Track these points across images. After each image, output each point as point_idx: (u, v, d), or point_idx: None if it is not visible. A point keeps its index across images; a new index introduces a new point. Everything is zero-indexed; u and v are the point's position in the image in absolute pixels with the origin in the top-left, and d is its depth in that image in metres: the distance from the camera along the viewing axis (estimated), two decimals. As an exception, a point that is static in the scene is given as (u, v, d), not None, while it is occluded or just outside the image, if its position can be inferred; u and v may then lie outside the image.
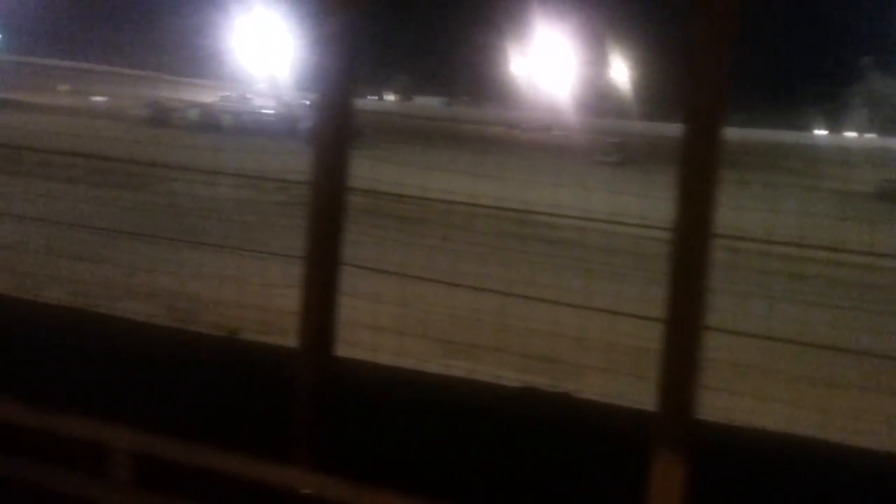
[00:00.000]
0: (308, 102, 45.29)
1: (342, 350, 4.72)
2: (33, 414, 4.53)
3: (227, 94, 57.83)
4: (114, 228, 11.88)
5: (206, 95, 54.42)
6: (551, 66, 62.13)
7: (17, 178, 17.69)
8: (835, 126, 66.13)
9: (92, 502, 4.42)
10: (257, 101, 53.90)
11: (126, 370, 6.05)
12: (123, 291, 10.43)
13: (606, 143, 39.26)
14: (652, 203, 7.91)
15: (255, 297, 8.77)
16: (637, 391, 5.78)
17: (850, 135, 65.29)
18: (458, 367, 6.71)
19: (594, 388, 6.51)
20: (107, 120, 35.01)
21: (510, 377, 6.48)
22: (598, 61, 66.40)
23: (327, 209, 4.33)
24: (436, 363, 6.86)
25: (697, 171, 3.70)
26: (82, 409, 4.63)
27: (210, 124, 41.34)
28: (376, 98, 70.02)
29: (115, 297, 10.00)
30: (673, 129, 3.93)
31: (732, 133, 3.92)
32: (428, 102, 73.81)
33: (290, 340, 5.29)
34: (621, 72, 68.93)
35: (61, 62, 66.77)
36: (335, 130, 4.24)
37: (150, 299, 10.21)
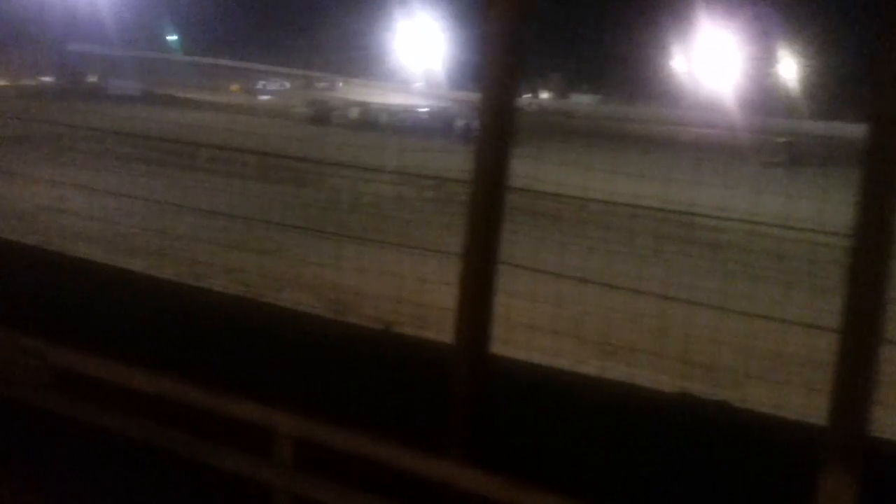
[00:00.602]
0: (463, 101, 45.80)
1: (497, 347, 4.71)
2: (204, 395, 4.78)
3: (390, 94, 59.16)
4: (277, 221, 12.39)
5: (367, 95, 55.96)
6: (714, 63, 59.84)
7: (189, 173, 18.83)
8: None
9: (256, 481, 4.62)
10: (413, 101, 55.01)
11: (286, 357, 6.27)
12: (285, 282, 10.84)
13: (774, 142, 37.47)
14: (823, 207, 7.48)
15: (408, 291, 8.91)
16: (803, 404, 5.47)
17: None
18: (614, 370, 6.57)
19: (756, 398, 6.21)
20: (272, 118, 36.63)
21: (667, 382, 6.28)
22: (764, 57, 63.37)
23: (486, 207, 4.33)
24: (591, 365, 6.74)
25: (883, 175, 3.46)
26: (246, 392, 4.86)
27: (368, 122, 42.53)
28: (530, 96, 69.79)
29: (277, 287, 10.41)
30: (847, 130, 3.69)
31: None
32: (583, 100, 72.87)
33: (444, 336, 5.34)
34: (790, 68, 65.56)
35: (233, 63, 70.38)
36: (497, 129, 4.23)
37: (309, 290, 10.56)
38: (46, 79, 48.34)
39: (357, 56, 70.54)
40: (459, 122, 39.03)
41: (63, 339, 5.45)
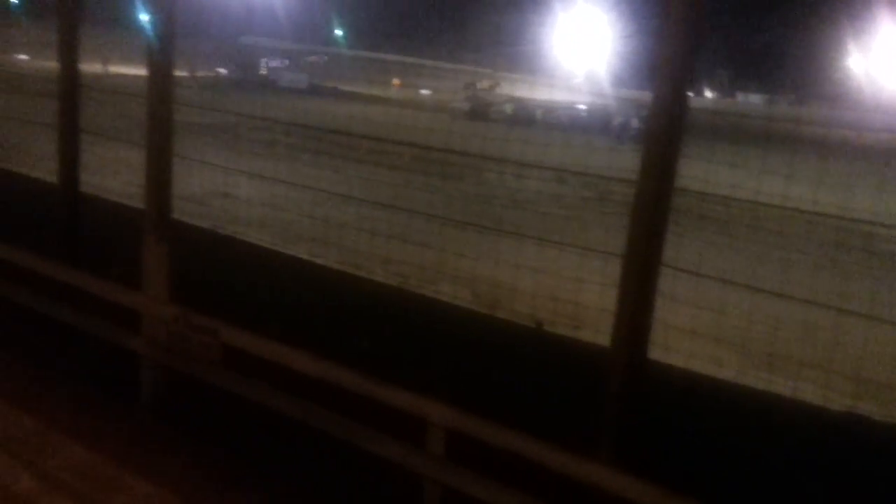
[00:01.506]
0: (623, 98, 44.89)
1: (655, 353, 4.58)
2: (362, 381, 4.91)
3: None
4: (431, 213, 12.56)
5: (524, 91, 55.87)
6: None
7: (350, 164, 19.44)
8: None
9: (407, 469, 4.71)
10: (571, 97, 54.46)
11: (438, 349, 6.35)
12: (436, 274, 10.98)
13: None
14: None
15: (559, 289, 8.82)
16: None
17: None
18: (778, 384, 6.26)
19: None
20: (430, 112, 37.23)
21: (835, 400, 5.93)
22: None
23: (652, 208, 4.21)
24: (753, 376, 6.45)
25: None
26: (400, 381, 4.95)
27: (524, 118, 42.49)
28: (692, 94, 67.56)
29: (428, 278, 10.56)
30: None
31: None
32: (751, 100, 70.02)
33: (597, 337, 5.25)
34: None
35: (394, 57, 72.09)
36: (667, 128, 4.10)
37: (460, 283, 10.66)
38: (221, 70, 51.13)
39: (515, 51, 70.68)
40: (618, 120, 38.35)
41: (232, 318, 5.75)
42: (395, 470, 4.78)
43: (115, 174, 11.56)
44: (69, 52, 6.59)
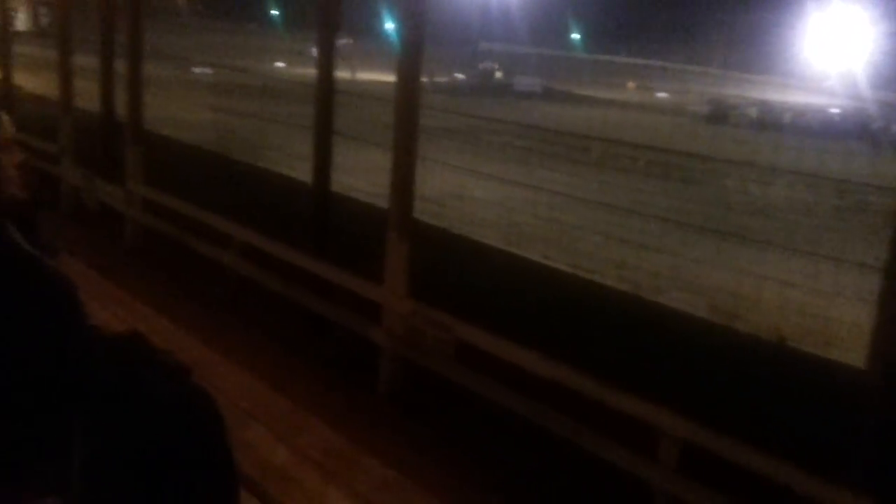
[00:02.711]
0: (884, 102, 41.35)
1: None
2: (592, 384, 4.89)
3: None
4: (668, 218, 12.26)
5: (769, 93, 52.99)
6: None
7: (582, 167, 19.39)
8: None
9: (635, 477, 4.63)
10: (821, 100, 50.88)
11: (671, 358, 6.20)
12: (668, 281, 10.71)
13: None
14: None
15: (805, 302, 8.31)
16: None
17: None
18: None
19: None
20: (666, 116, 36.26)
21: None
22: None
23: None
24: None
25: None
26: (630, 387, 4.88)
27: (769, 122, 40.22)
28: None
29: (662, 286, 10.32)
30: None
31: None
32: None
33: (847, 356, 4.89)
34: None
35: (630, 60, 70.89)
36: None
37: (696, 292, 10.33)
38: (458, 75, 52.70)
39: (757, 52, 67.11)
40: (877, 125, 35.38)
41: (463, 314, 5.93)
42: (624, 476, 4.72)
43: (359, 174, 12.26)
44: (326, 61, 7.07)
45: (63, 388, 2.35)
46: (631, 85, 60.44)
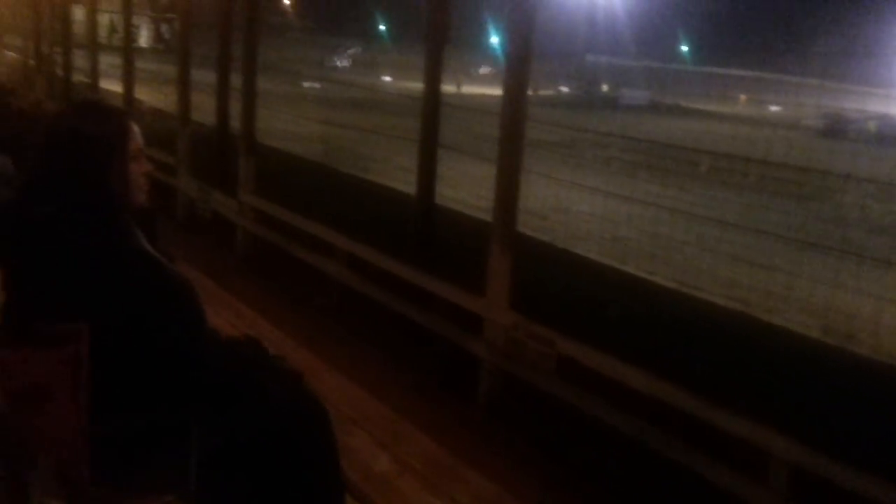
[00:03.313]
0: None
1: None
2: (698, 404, 4.76)
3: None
4: (776, 234, 11.86)
5: (893, 106, 50.63)
6: None
7: (689, 181, 18.94)
8: None
9: (742, 501, 4.48)
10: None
11: (782, 380, 5.98)
12: (780, 300, 10.35)
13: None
14: None
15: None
16: None
17: None
18: None
19: None
20: (780, 130, 35.10)
21: None
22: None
23: None
24: None
25: None
26: (739, 408, 4.73)
27: (890, 137, 38.43)
28: None
29: (771, 305, 9.99)
30: None
31: None
32: None
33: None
34: None
35: (742, 72, 69.00)
36: None
37: (807, 312, 9.95)
38: (563, 89, 52.44)
39: (878, 63, 64.25)
40: None
41: (566, 328, 5.88)
42: (730, 499, 4.58)
43: (462, 186, 12.34)
44: (433, 74, 7.16)
45: (185, 386, 2.46)
46: (743, 98, 58.83)
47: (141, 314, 2.31)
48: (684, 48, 76.16)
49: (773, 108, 53.42)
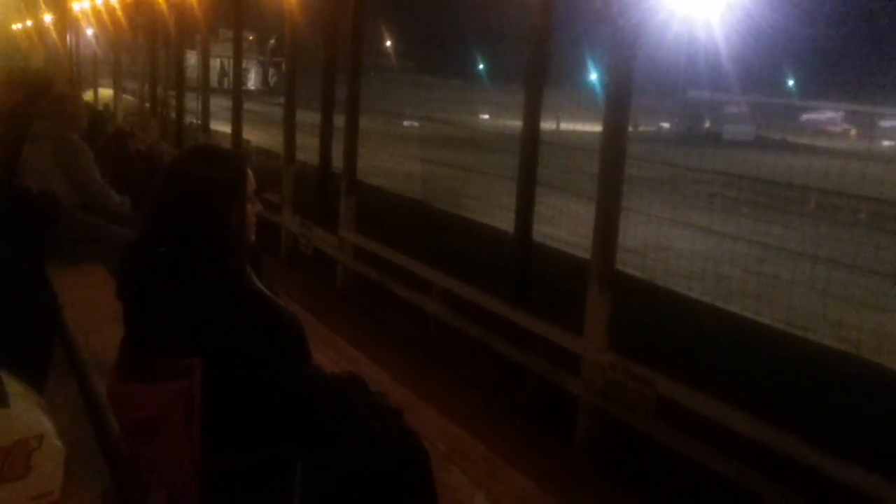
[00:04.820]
0: None
1: None
2: (807, 450, 4.60)
3: None
4: (889, 274, 11.37)
5: None
6: None
7: (796, 218, 18.34)
8: None
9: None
10: None
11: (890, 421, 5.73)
12: (893, 342, 9.90)
13: None
14: None
15: None
16: None
17: None
18: None
19: None
20: (893, 165, 33.75)
21: None
22: None
23: None
24: None
25: None
26: (849, 452, 4.55)
27: None
28: None
29: (882, 346, 9.55)
30: None
31: None
32: None
33: None
34: None
35: (852, 107, 66.76)
36: None
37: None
38: (664, 124, 51.78)
39: None
40: None
41: (666, 369, 5.76)
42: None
43: (559, 224, 12.29)
44: (532, 112, 7.21)
45: (292, 422, 2.54)
46: (853, 133, 56.86)
47: (251, 351, 2.41)
48: (790, 82, 74.28)
49: (887, 143, 51.42)
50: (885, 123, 57.78)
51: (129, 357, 2.65)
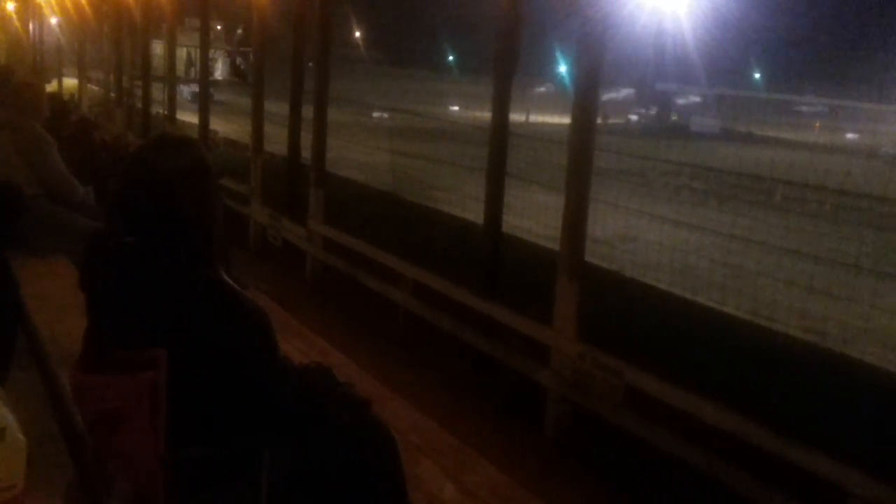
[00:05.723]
0: None
1: None
2: (772, 438, 4.65)
3: None
4: (854, 265, 11.52)
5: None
6: None
7: (761, 210, 18.55)
8: None
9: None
10: None
11: (854, 412, 5.81)
12: (857, 332, 10.04)
13: None
14: None
15: None
16: None
17: None
18: None
19: None
20: (857, 158, 34.23)
21: None
22: None
23: None
24: None
25: None
26: (815, 439, 4.61)
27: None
28: None
29: (847, 337, 9.69)
30: None
31: None
32: None
33: None
34: None
35: (817, 99, 67.58)
36: None
37: (885, 345, 9.66)
38: (632, 117, 52.18)
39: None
40: None
41: (633, 359, 5.80)
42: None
43: (528, 215, 12.32)
44: (501, 104, 7.21)
45: (258, 414, 2.52)
46: (818, 125, 57.58)
47: (217, 343, 2.38)
48: (757, 75, 75.00)
49: (850, 136, 52.08)
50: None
51: (93, 348, 2.61)
